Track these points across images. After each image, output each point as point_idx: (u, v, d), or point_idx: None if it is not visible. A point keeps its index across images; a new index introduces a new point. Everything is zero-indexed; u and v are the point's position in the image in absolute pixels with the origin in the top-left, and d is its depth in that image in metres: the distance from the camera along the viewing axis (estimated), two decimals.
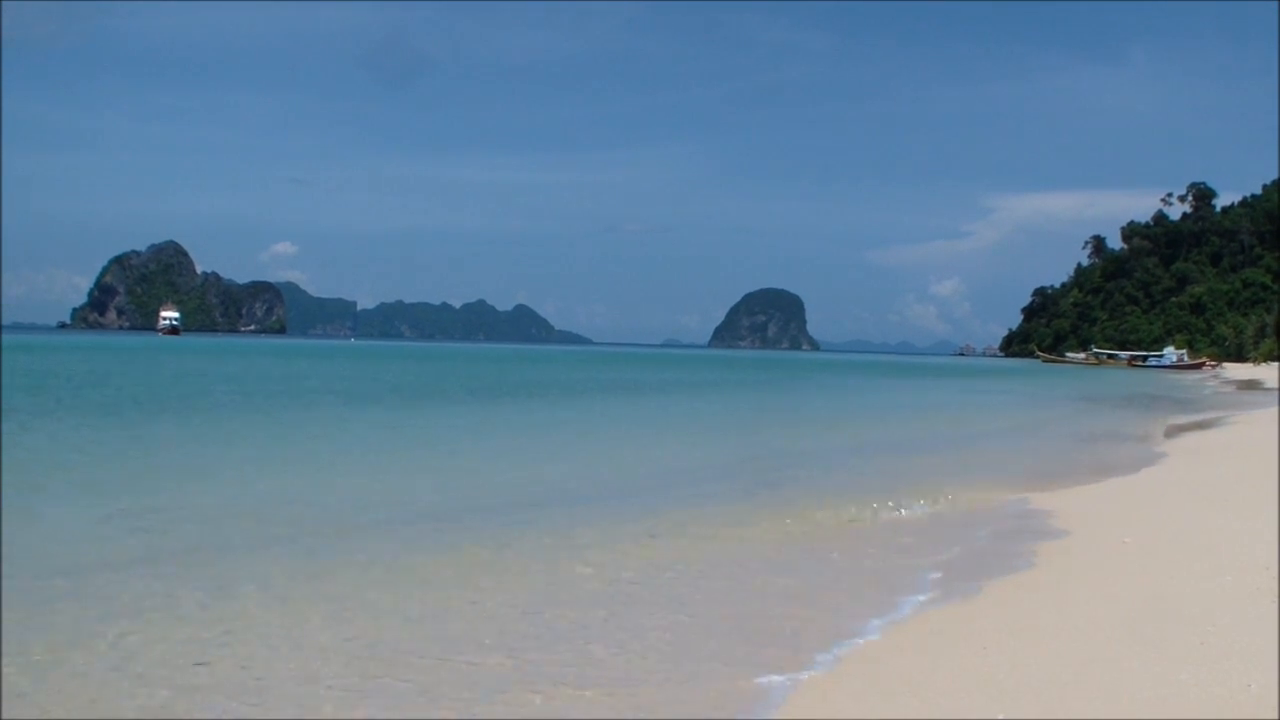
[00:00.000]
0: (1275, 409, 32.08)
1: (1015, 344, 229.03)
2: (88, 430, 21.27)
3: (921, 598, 8.73)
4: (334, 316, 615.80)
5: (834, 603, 8.59)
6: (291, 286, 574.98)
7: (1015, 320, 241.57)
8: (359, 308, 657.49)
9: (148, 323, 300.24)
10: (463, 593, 8.68)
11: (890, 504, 13.51)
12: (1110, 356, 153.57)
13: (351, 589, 8.72)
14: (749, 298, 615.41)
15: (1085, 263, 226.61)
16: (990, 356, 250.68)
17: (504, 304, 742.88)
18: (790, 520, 12.33)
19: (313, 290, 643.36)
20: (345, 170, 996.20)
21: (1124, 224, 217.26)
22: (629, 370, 79.56)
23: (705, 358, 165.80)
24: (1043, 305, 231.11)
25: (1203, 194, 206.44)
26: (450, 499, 14.09)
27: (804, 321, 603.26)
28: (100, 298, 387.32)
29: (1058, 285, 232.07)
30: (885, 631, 7.60)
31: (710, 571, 9.63)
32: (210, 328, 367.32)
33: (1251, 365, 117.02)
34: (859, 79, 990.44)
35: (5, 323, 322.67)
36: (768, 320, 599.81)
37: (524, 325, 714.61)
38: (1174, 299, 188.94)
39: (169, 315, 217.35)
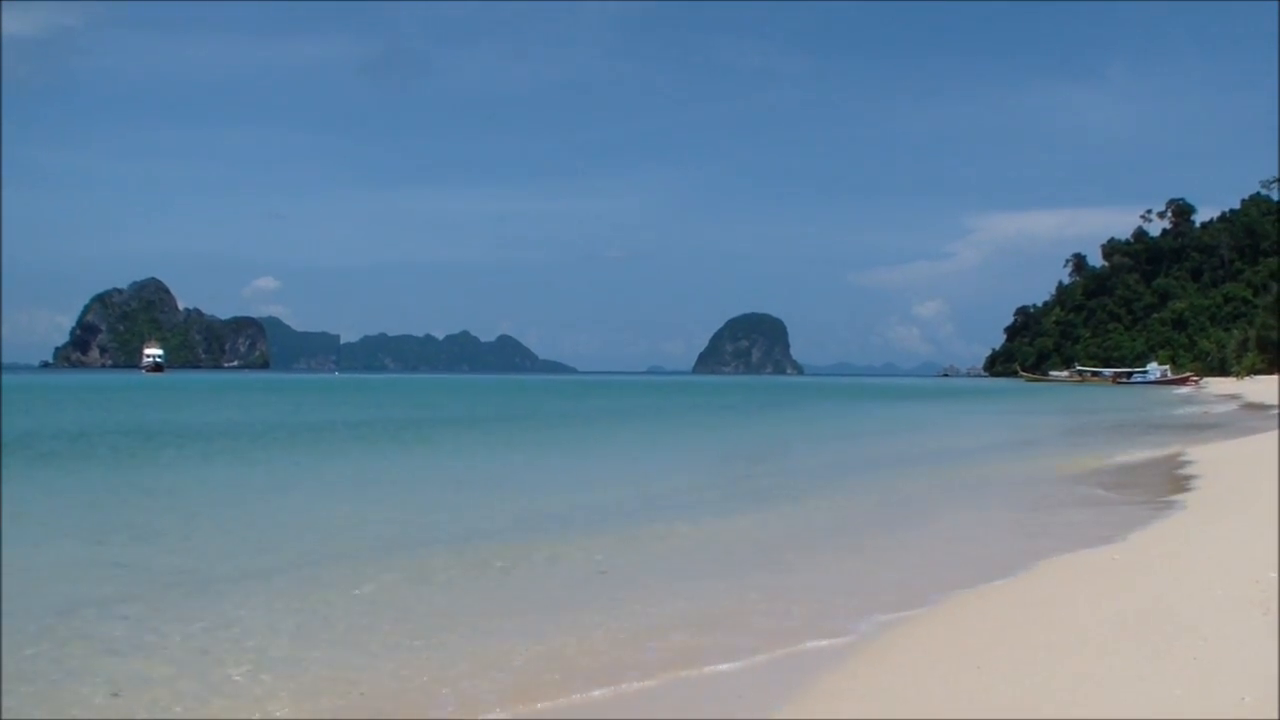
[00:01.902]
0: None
1: (999, 364, 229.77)
2: (83, 478, 21.14)
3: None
4: (317, 350, 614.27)
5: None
6: (274, 321, 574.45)
7: (998, 340, 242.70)
8: (342, 341, 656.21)
9: (130, 360, 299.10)
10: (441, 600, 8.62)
11: None
12: (1094, 374, 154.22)
13: (345, 620, 8.66)
14: (732, 323, 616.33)
15: (1067, 281, 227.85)
16: (974, 376, 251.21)
17: (487, 334, 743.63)
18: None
19: (295, 324, 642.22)
20: (324, 204, 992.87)
21: (1104, 241, 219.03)
22: (615, 399, 79.49)
23: (689, 384, 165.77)
24: (1025, 324, 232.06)
25: (1182, 210, 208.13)
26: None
27: (787, 345, 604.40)
28: (83, 336, 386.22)
29: (1040, 304, 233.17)
30: (874, 643, 7.56)
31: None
32: (194, 364, 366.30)
33: (1235, 380, 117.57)
34: (837, 102, 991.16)
35: None
36: (751, 345, 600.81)
37: (508, 355, 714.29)
38: (1156, 315, 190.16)
39: (152, 352, 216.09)
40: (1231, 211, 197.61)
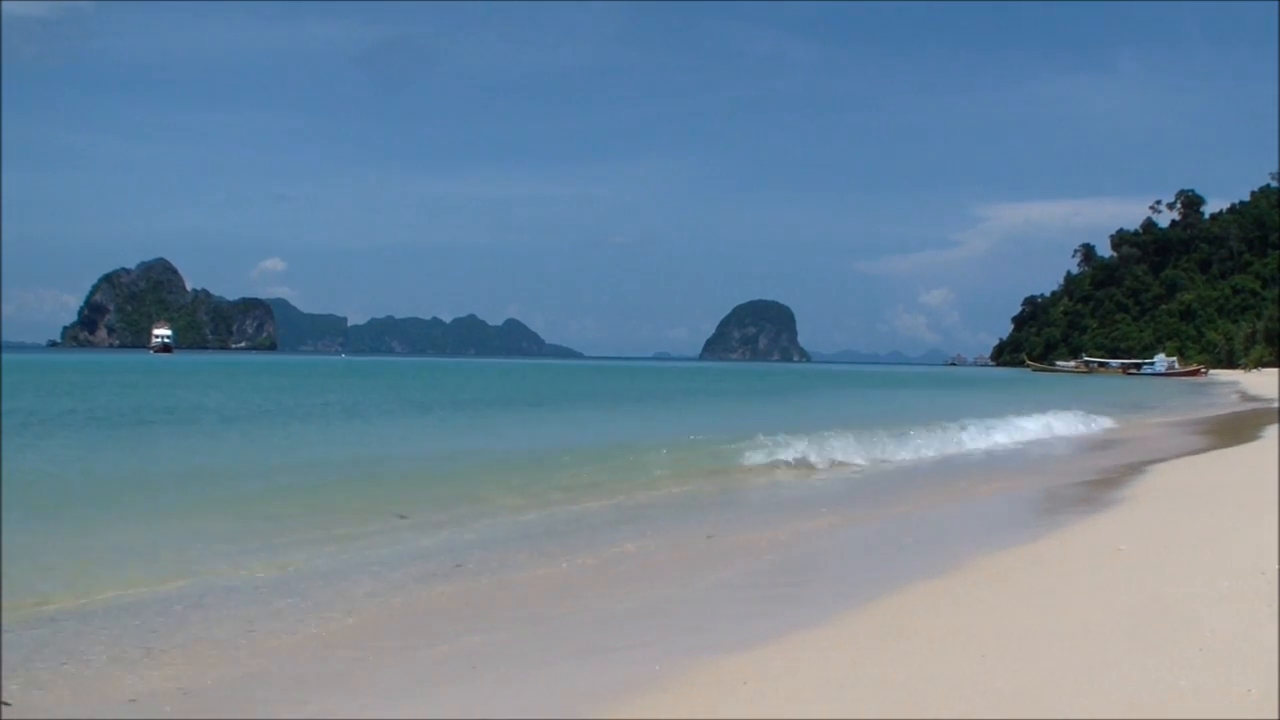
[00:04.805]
0: None
1: (1006, 353, 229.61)
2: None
3: None
4: (325, 332, 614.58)
5: None
6: (281, 303, 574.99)
7: (1005, 329, 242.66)
8: (349, 323, 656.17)
9: (138, 341, 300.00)
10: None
11: None
12: (1101, 364, 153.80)
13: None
14: (739, 309, 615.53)
15: (1075, 271, 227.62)
16: (981, 366, 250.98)
17: (494, 318, 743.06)
18: None
19: (303, 306, 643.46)
20: (332, 187, 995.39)
21: (1113, 232, 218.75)
22: (628, 383, 79.48)
23: (699, 370, 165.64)
24: (1033, 314, 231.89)
25: (1191, 201, 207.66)
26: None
27: (794, 333, 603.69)
28: (90, 316, 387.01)
29: (1048, 294, 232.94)
30: (878, 630, 7.52)
31: None
32: (201, 345, 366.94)
33: (1243, 372, 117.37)
34: (846, 89, 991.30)
35: None
36: (758, 332, 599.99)
37: (515, 339, 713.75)
38: (1164, 306, 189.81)
39: (161, 333, 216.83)
40: (1241, 203, 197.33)
